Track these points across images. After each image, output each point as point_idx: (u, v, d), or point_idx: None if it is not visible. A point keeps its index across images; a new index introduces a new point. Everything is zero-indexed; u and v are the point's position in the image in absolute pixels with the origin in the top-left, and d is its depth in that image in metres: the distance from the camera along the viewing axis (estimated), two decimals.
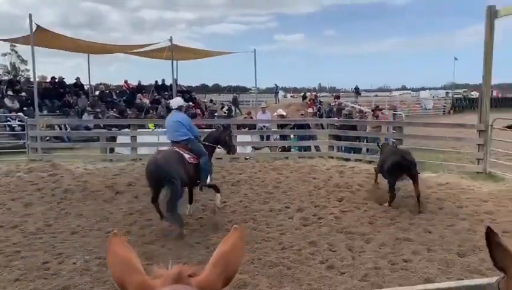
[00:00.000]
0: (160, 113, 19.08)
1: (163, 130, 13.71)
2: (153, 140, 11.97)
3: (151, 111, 18.98)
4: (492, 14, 9.41)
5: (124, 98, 21.01)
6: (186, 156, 6.80)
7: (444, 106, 38.55)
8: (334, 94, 30.04)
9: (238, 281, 4.68)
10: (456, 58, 49.02)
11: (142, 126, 13.33)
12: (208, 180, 7.38)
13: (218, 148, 7.98)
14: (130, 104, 19.95)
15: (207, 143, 7.59)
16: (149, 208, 7.00)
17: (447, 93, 50.30)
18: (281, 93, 44.93)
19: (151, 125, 13.66)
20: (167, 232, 6.31)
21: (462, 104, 38.95)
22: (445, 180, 9.22)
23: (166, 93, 22.43)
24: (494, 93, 39.71)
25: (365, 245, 5.77)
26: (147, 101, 19.94)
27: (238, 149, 12.55)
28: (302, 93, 41.94)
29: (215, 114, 20.82)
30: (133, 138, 12.21)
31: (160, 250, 5.67)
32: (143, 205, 7.56)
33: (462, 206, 7.49)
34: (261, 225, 6.65)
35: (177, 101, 7.86)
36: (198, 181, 7.09)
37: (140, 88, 22.62)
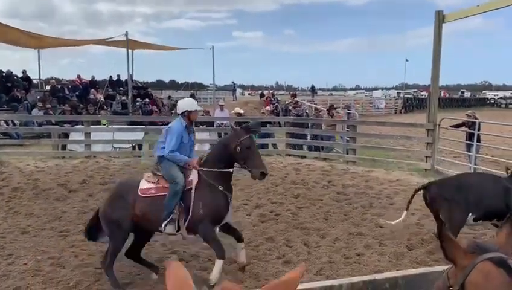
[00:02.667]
0: (115, 110, 18.61)
1: (117, 126, 13.54)
2: (107, 137, 11.67)
3: (105, 107, 18.46)
4: (440, 18, 9.92)
5: (77, 93, 20.29)
6: (145, 186, 4.77)
7: (396, 106, 40.14)
8: (291, 93, 30.47)
9: (197, 278, 4.71)
10: (407, 60, 51.15)
11: (97, 122, 12.96)
12: (163, 225, 4.68)
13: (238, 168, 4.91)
14: (83, 99, 19.30)
15: (208, 169, 4.76)
16: None
17: (398, 93, 52.44)
18: (238, 90, 45.04)
19: (104, 122, 13.30)
20: None
21: (413, 103, 40.77)
22: (395, 177, 9.63)
23: (121, 89, 21.88)
24: (442, 94, 41.82)
25: (320, 240, 5.96)
26: (100, 96, 19.36)
27: (197, 146, 12.50)
28: (259, 92, 42.22)
29: (173, 111, 20.51)
30: (87, 134, 11.85)
31: None
32: (97, 204, 7.37)
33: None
34: None
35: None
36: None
37: (93, 83, 21.92)
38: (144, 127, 13.02)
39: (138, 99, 20.37)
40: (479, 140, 9.37)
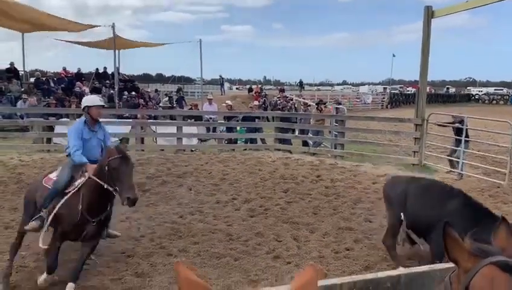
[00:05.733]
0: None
1: (104, 119, 13.27)
2: None
3: None
4: (429, 14, 9.96)
5: (62, 85, 19.93)
6: (50, 176, 4.73)
7: (383, 101, 40.40)
8: (279, 87, 30.43)
9: None
10: (394, 55, 51.38)
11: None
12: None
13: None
14: (68, 92, 18.96)
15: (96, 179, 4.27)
16: None
17: (384, 88, 52.75)
18: (226, 85, 44.79)
19: None
20: None
21: (399, 99, 41.08)
22: (383, 172, 9.68)
23: (107, 81, 21.57)
24: (428, 89, 42.21)
25: (310, 235, 5.95)
26: (86, 89, 19.06)
27: (184, 141, 12.43)
28: (247, 86, 42.08)
29: (160, 104, 20.33)
30: None
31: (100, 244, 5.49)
32: None
33: None
34: (208, 217, 6.64)
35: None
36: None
37: (79, 76, 21.57)
38: (130, 120, 12.85)
39: (125, 92, 20.13)
40: (467, 135, 9.45)
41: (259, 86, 35.94)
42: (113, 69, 19.03)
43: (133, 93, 20.22)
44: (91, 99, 5.01)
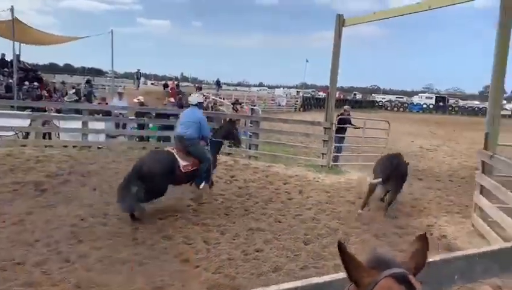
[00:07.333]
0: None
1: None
2: None
3: None
4: (340, 22, 10.43)
5: None
6: (182, 163, 6.59)
7: (296, 104, 41.87)
8: (196, 85, 30.06)
9: (88, 283, 4.31)
10: (307, 61, 53.23)
11: None
12: (202, 185, 7.11)
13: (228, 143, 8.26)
14: None
15: (215, 139, 7.49)
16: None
17: (298, 92, 54.74)
18: (141, 79, 43.16)
19: None
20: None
21: (311, 102, 42.88)
22: (294, 173, 9.94)
23: (6, 70, 19.57)
24: (337, 95, 44.56)
25: (220, 237, 5.85)
26: None
27: (90, 137, 11.66)
28: (163, 82, 40.90)
29: (65, 97, 18.91)
30: None
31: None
32: None
33: (308, 196, 8.16)
34: (112, 219, 6.24)
35: (195, 98, 7.63)
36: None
37: None
38: (30, 113, 11.74)
39: (26, 82, 18.40)
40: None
41: (176, 82, 35.08)
42: (12, 56, 17.27)
43: (35, 84, 18.58)
44: None
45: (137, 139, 12.61)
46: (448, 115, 51.38)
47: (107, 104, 13.45)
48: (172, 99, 16.31)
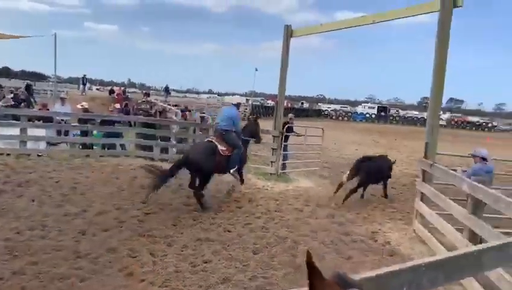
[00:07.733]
0: None
1: None
2: None
3: None
4: (288, 32, 10.62)
5: None
6: (220, 148, 7.82)
7: (245, 112, 42.05)
8: (144, 91, 29.41)
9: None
10: (256, 69, 53.62)
11: None
12: (233, 170, 8.18)
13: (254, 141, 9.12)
14: None
15: (244, 137, 8.48)
16: None
17: (247, 100, 55.06)
18: (86, 85, 41.57)
19: None
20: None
21: (260, 111, 43.26)
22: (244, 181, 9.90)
23: None
24: (285, 103, 45.33)
25: (167, 248, 5.69)
26: None
27: (30, 144, 11.02)
28: (109, 87, 39.61)
29: (0, 102, 17.77)
30: None
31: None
32: None
33: (257, 205, 8.17)
34: (52, 232, 5.88)
35: (236, 99, 8.61)
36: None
37: None
38: None
39: None
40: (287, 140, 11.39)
41: (122, 88, 34.12)
42: None
43: None
44: None
45: (80, 146, 12.08)
46: (389, 124, 53.88)
47: (48, 110, 12.77)
48: (118, 106, 15.80)
